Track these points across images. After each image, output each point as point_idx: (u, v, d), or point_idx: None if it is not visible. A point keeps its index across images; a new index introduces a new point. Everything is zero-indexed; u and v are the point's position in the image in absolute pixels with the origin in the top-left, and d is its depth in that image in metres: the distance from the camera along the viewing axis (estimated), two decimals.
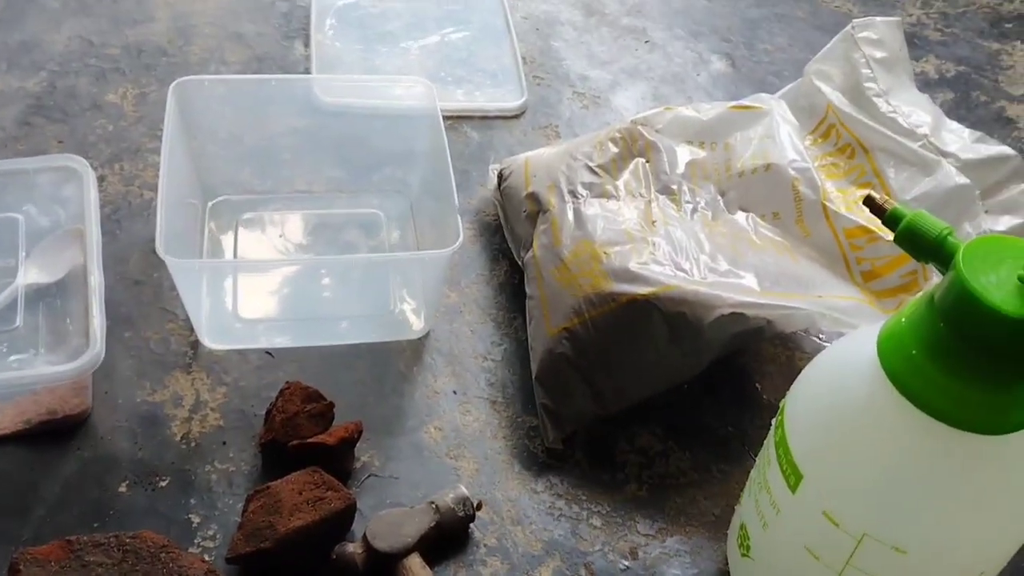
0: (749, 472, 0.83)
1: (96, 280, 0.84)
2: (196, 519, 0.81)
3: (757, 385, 0.95)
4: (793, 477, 0.65)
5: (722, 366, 0.93)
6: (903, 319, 0.60)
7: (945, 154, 0.94)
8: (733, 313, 0.83)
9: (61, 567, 0.70)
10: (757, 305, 0.84)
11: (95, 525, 0.79)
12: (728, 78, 1.29)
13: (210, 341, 0.93)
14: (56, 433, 0.84)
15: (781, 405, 0.69)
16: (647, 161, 0.97)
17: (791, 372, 0.95)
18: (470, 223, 1.07)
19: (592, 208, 0.92)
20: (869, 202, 0.63)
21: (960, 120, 1.07)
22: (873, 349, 0.62)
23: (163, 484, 0.83)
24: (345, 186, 1.08)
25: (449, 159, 0.94)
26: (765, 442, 0.73)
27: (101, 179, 1.04)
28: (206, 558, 0.75)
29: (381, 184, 1.08)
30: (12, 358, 0.83)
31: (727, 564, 0.81)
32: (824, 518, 0.63)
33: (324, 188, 1.08)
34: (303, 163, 1.07)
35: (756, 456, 0.81)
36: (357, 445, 0.85)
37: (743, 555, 0.74)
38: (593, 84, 1.26)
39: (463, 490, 0.82)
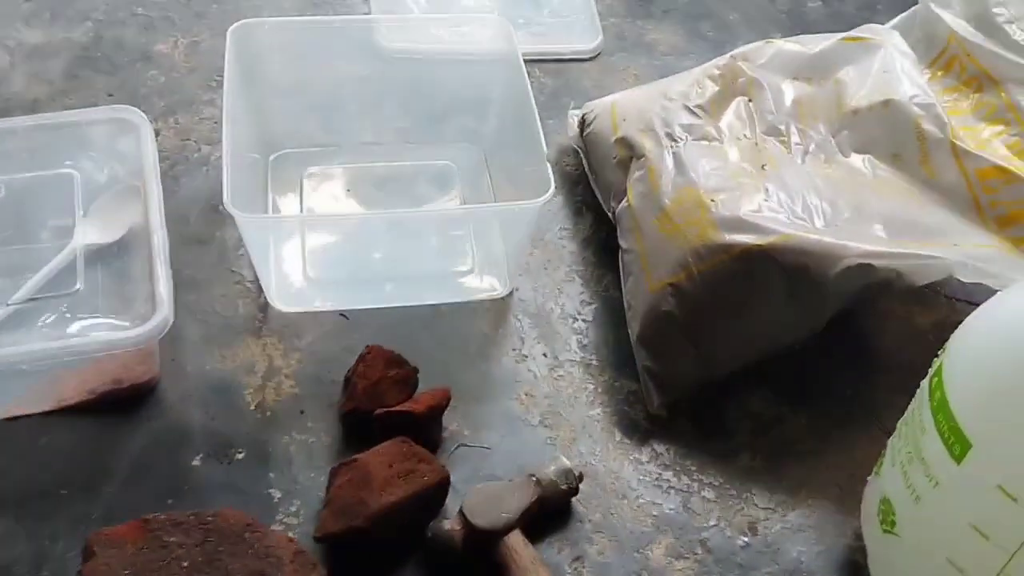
0: (874, 439, 0.76)
1: (160, 239, 0.78)
2: (277, 494, 0.74)
3: (875, 342, 0.87)
4: (958, 446, 0.57)
5: (835, 325, 0.84)
6: None
7: None
8: (861, 264, 0.75)
9: (139, 549, 0.64)
10: (887, 255, 0.75)
11: (169, 502, 0.73)
12: (819, 13, 1.20)
13: (280, 303, 0.86)
14: (122, 403, 0.78)
15: (937, 365, 0.61)
16: (749, 100, 0.88)
17: (912, 330, 0.89)
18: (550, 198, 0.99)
19: (693, 152, 0.84)
20: None
21: None
22: None
23: (239, 456, 0.76)
24: (414, 136, 1.01)
25: (533, 101, 0.86)
26: (912, 406, 0.65)
27: (156, 133, 0.97)
28: (291, 535, 0.69)
29: (452, 134, 1.00)
30: (75, 325, 0.77)
31: (857, 540, 0.74)
32: (998, 492, 0.56)
33: (392, 139, 1.01)
34: (369, 113, 1.00)
35: (884, 422, 0.73)
36: (444, 413, 0.79)
37: (886, 531, 0.67)
38: (674, 24, 1.17)
39: (565, 461, 0.75)
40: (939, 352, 0.63)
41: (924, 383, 0.63)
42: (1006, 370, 0.56)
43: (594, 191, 0.95)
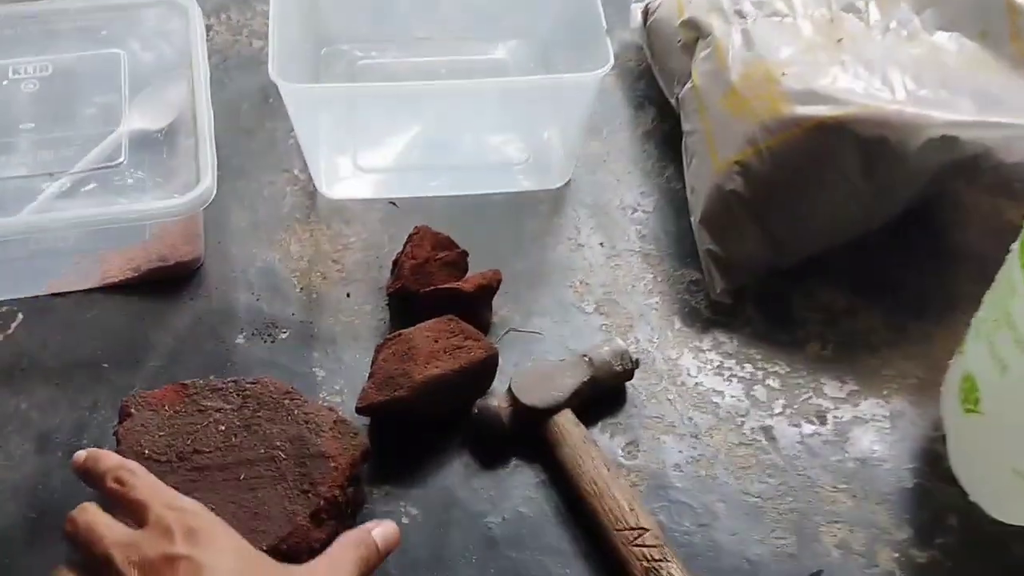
0: (954, 333, 0.71)
1: (205, 116, 0.76)
2: (321, 373, 0.72)
3: (958, 237, 0.81)
4: None
5: (912, 218, 0.79)
6: None
7: None
8: (945, 136, 0.69)
9: (176, 411, 0.63)
10: (976, 124, 0.70)
11: (211, 377, 0.71)
12: None
13: (329, 190, 0.84)
14: (167, 283, 0.77)
15: None
16: None
17: (999, 224, 0.82)
18: (609, 70, 0.94)
19: (763, 27, 0.78)
20: None
21: None
22: None
23: (283, 336, 0.74)
24: (468, 33, 0.97)
25: None
26: (999, 276, 0.60)
27: (207, 28, 0.95)
28: (331, 406, 0.66)
29: (507, 30, 0.96)
30: (120, 199, 0.75)
31: (936, 430, 0.68)
32: None
33: (445, 35, 0.97)
34: (421, 7, 0.96)
35: (966, 315, 0.67)
36: (494, 299, 0.75)
37: (968, 411, 0.61)
38: None
39: (620, 343, 0.71)
40: None
41: (1014, 245, 0.58)
42: None
43: (658, 83, 0.90)
